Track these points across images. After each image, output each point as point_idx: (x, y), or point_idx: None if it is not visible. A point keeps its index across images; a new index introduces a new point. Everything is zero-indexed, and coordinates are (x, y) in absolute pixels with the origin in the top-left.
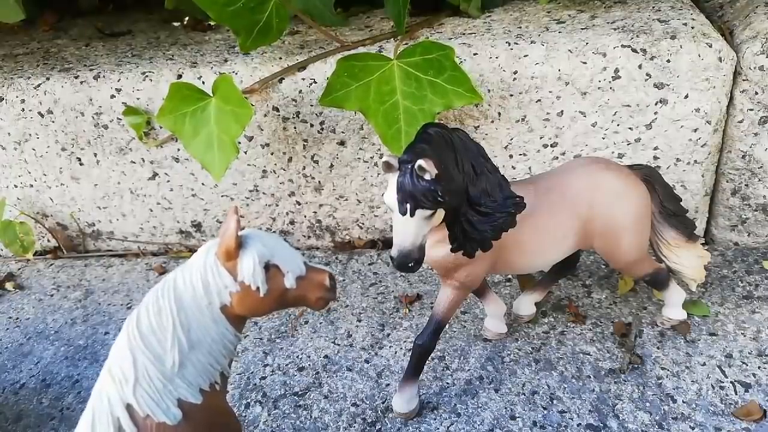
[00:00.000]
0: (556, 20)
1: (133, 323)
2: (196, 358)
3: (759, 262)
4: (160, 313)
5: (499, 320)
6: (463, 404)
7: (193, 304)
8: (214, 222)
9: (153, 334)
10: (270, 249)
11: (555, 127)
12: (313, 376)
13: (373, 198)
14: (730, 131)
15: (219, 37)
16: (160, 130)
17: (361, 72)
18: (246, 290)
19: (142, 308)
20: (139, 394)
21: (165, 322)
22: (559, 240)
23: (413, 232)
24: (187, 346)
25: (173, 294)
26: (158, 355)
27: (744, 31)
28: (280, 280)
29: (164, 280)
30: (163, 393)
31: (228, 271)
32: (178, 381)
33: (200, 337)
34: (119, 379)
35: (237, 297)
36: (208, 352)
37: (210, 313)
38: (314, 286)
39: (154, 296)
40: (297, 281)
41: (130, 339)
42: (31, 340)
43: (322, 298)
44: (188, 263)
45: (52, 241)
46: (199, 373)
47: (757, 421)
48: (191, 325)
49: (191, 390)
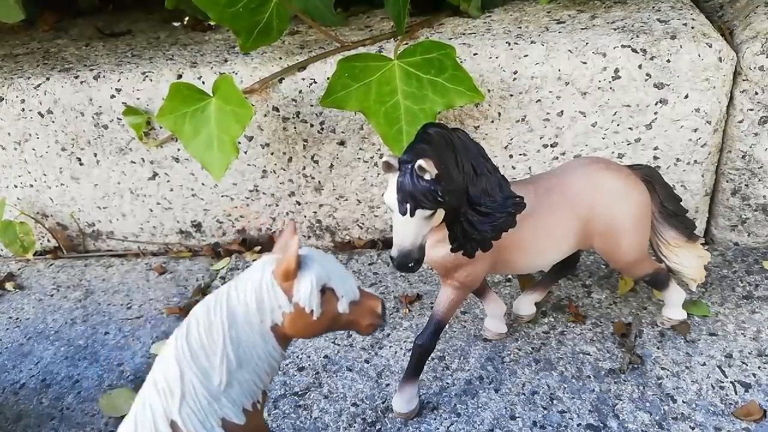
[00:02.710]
0: (556, 20)
1: (182, 335)
2: (242, 376)
3: (759, 262)
4: (210, 327)
5: (499, 320)
6: (463, 404)
7: (245, 321)
8: (214, 222)
9: (202, 348)
10: (327, 272)
11: (555, 127)
12: (313, 376)
13: (373, 198)
14: (730, 131)
15: (219, 37)
16: (160, 130)
17: (361, 72)
18: (300, 312)
19: (192, 320)
20: (185, 411)
21: (216, 338)
22: (559, 240)
23: (413, 232)
24: (235, 363)
25: (226, 309)
26: (206, 371)
27: (744, 31)
28: (334, 304)
29: (216, 293)
30: (208, 412)
31: (284, 291)
32: (224, 400)
33: (248, 356)
34: (165, 392)
35: (289, 317)
36: (254, 370)
37: (260, 331)
38: (366, 313)
39: (206, 308)
40: (350, 306)
41: (179, 352)
42: (31, 340)
43: (372, 324)
44: (242, 277)
45: (52, 241)
46: (244, 393)
47: (757, 421)
48: (241, 343)
49: (235, 409)
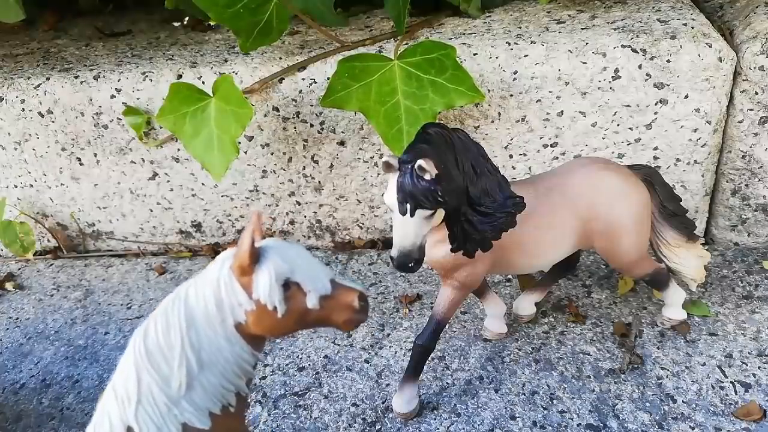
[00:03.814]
0: (556, 20)
1: (140, 338)
2: (206, 379)
3: (759, 262)
4: (168, 328)
5: (499, 320)
6: (463, 404)
7: (205, 322)
8: (214, 222)
9: (160, 351)
10: (290, 264)
11: (555, 127)
12: (313, 376)
13: (373, 198)
14: (730, 131)
15: (219, 37)
16: (160, 130)
17: (361, 73)
18: (262, 309)
19: (150, 322)
20: (141, 417)
21: (173, 340)
22: (559, 240)
23: (413, 232)
24: (196, 366)
25: (184, 309)
26: (164, 375)
27: (744, 31)
28: (301, 299)
29: (176, 292)
30: (167, 417)
31: (243, 288)
32: (185, 404)
33: (212, 357)
34: (122, 398)
35: (252, 316)
36: (221, 373)
37: (223, 332)
38: (341, 308)
39: (164, 309)
40: (321, 301)
41: (136, 355)
42: (31, 340)
43: (349, 320)
44: (202, 275)
45: (52, 241)
46: (210, 396)
47: (757, 421)
48: (202, 344)
49: (198, 414)
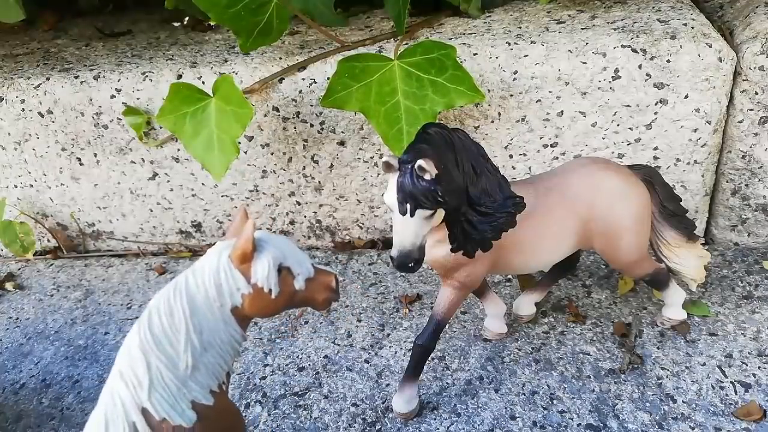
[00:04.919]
0: (556, 20)
1: (144, 325)
2: (207, 360)
3: (759, 262)
4: (172, 315)
5: (499, 320)
6: (463, 404)
7: (205, 306)
8: (214, 222)
9: (165, 336)
10: (282, 251)
11: (555, 127)
12: (313, 376)
13: (373, 198)
14: (730, 131)
15: (219, 37)
16: (160, 130)
17: (362, 73)
18: (258, 292)
19: (152, 310)
20: (155, 398)
21: (178, 324)
22: (559, 240)
23: (413, 232)
24: (200, 348)
25: (185, 296)
26: (171, 357)
27: (744, 31)
28: (290, 282)
29: (174, 282)
30: (177, 396)
31: (242, 274)
32: (191, 383)
33: (211, 339)
34: (132, 383)
35: (249, 299)
36: (218, 353)
37: (221, 315)
38: (321, 288)
39: (165, 297)
40: (306, 283)
41: (143, 342)
42: (31, 340)
43: (327, 299)
44: (198, 265)
45: (52, 241)
46: (210, 375)
47: (757, 421)
48: (203, 328)
49: (203, 392)
